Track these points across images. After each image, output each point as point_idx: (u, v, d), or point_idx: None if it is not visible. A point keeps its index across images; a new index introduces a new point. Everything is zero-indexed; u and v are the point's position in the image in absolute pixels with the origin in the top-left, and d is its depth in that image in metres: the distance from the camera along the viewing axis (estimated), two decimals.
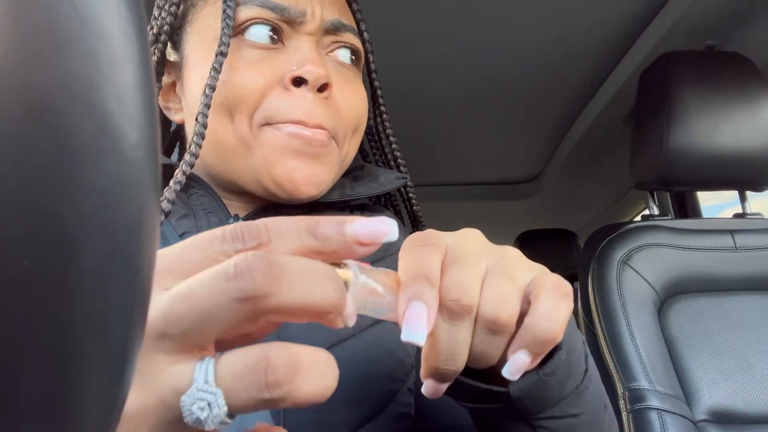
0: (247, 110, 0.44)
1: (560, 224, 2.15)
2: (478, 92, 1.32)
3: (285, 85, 0.44)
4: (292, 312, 0.20)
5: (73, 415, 0.11)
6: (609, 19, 1.05)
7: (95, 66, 0.11)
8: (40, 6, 0.10)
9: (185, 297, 0.19)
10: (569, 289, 0.27)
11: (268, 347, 0.19)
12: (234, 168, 0.45)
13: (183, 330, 0.19)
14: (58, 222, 0.10)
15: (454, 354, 0.26)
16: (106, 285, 0.11)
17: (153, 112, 0.12)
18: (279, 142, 0.43)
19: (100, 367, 0.12)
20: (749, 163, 0.91)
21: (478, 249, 0.27)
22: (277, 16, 0.45)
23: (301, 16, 0.45)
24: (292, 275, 0.19)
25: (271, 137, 0.43)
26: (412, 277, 0.25)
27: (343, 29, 0.48)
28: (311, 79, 0.43)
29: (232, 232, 0.21)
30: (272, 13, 0.45)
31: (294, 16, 0.45)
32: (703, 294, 0.88)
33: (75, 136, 0.10)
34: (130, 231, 0.12)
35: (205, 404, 0.18)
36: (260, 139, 0.44)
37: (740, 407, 0.79)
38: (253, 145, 0.44)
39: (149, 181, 0.12)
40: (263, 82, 0.44)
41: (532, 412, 0.30)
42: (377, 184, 0.52)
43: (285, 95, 0.44)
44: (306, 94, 0.44)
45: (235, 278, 0.18)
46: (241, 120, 0.44)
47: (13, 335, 0.10)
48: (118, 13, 0.11)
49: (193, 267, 0.20)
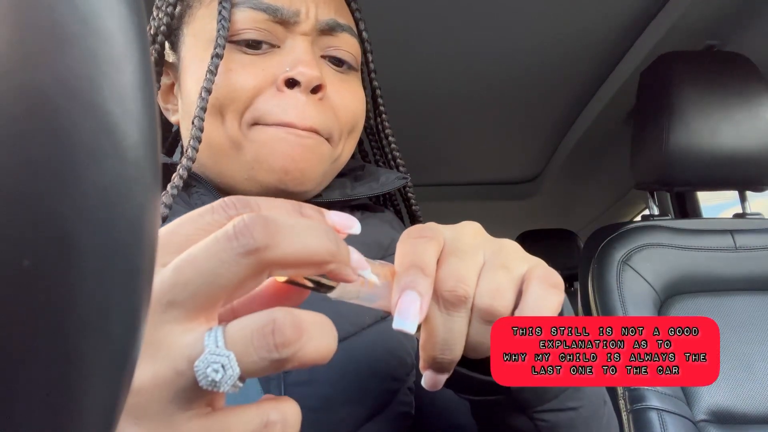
0: (238, 110, 0.43)
1: (560, 224, 2.14)
2: (478, 92, 1.32)
3: (278, 86, 0.43)
4: (294, 263, 0.21)
5: (74, 415, 0.11)
6: (609, 19, 1.05)
7: (95, 66, 0.11)
8: (40, 6, 0.10)
9: (190, 262, 0.20)
10: (559, 280, 0.27)
11: (272, 312, 0.20)
12: (226, 169, 0.45)
13: (191, 293, 0.20)
14: (58, 221, 0.10)
15: (450, 344, 0.26)
16: (107, 284, 0.11)
17: (153, 111, 0.12)
18: (269, 138, 0.43)
19: (101, 367, 0.12)
20: (749, 163, 0.91)
21: (476, 241, 0.28)
22: (270, 17, 0.44)
23: (294, 16, 0.45)
24: (288, 228, 0.20)
25: (262, 136, 0.43)
26: (407, 267, 0.26)
27: (339, 29, 0.47)
28: (304, 81, 0.43)
29: (222, 203, 0.22)
30: (265, 14, 0.44)
31: (287, 17, 0.45)
32: (703, 294, 0.88)
33: (75, 135, 0.10)
34: (131, 230, 0.12)
35: (219, 366, 0.19)
36: (250, 137, 0.44)
37: (740, 407, 0.79)
38: (243, 144, 0.44)
39: (149, 180, 0.12)
40: (255, 83, 0.43)
41: (531, 405, 0.30)
42: (378, 184, 0.52)
43: (277, 96, 0.43)
44: (299, 96, 0.43)
45: (235, 237, 0.20)
46: (232, 120, 0.44)
47: (14, 335, 0.10)
48: (118, 13, 0.11)
49: (187, 240, 0.21)
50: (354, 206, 0.54)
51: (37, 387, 0.10)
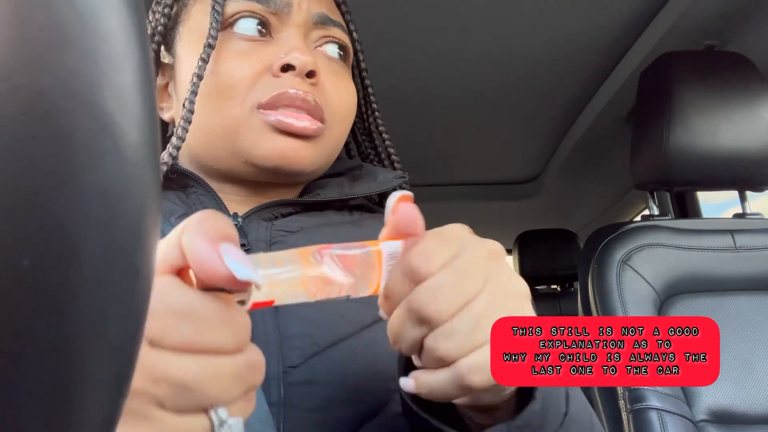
0: (239, 95, 0.45)
1: (560, 224, 2.14)
2: (477, 92, 1.32)
3: (273, 72, 0.45)
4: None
5: (74, 415, 0.11)
6: (609, 19, 1.05)
7: (95, 66, 0.11)
8: (40, 6, 0.10)
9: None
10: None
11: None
12: (223, 154, 0.46)
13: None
14: (58, 221, 0.10)
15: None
16: (106, 284, 0.11)
17: (153, 111, 0.12)
18: (269, 124, 0.44)
19: (100, 366, 0.12)
20: (749, 163, 0.91)
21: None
22: (264, 8, 0.46)
23: (287, 6, 0.47)
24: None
25: (261, 121, 0.44)
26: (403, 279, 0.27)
27: (330, 23, 0.49)
28: (298, 65, 0.44)
29: None
30: (258, 5, 0.46)
31: (280, 7, 0.46)
32: (703, 294, 0.88)
33: (75, 135, 0.10)
34: (130, 230, 0.12)
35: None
36: (250, 123, 0.45)
37: (740, 407, 0.79)
38: (242, 129, 0.45)
39: (149, 180, 0.12)
40: (252, 71, 0.45)
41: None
42: (375, 183, 0.52)
43: (274, 80, 0.45)
44: (294, 78, 0.45)
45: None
46: (232, 105, 0.45)
47: (14, 334, 0.10)
48: (118, 13, 0.11)
49: None
50: (352, 206, 0.54)
51: (37, 386, 0.10)
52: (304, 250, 0.26)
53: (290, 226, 0.46)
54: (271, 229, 0.45)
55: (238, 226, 0.45)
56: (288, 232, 0.46)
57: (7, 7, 0.09)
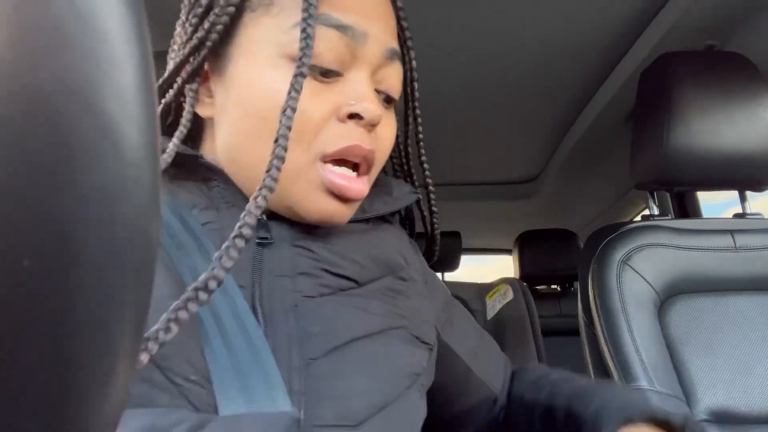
0: (305, 139, 0.44)
1: (560, 224, 2.14)
2: (477, 92, 1.32)
3: (340, 117, 0.44)
4: None
5: (74, 415, 0.11)
6: (609, 19, 1.05)
7: (95, 66, 0.11)
8: (39, 6, 0.10)
9: None
10: None
11: None
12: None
13: None
14: (57, 222, 0.10)
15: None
16: (106, 284, 0.11)
17: (153, 112, 0.12)
18: (324, 183, 0.44)
19: (101, 367, 0.12)
20: (749, 163, 0.91)
21: None
22: (341, 35, 0.44)
23: (362, 36, 0.45)
24: None
25: (319, 176, 0.44)
26: None
27: (395, 57, 0.49)
28: (368, 118, 0.44)
29: None
30: (336, 32, 0.44)
31: (356, 37, 0.45)
32: (703, 294, 0.88)
33: (74, 135, 0.10)
34: (130, 231, 0.12)
35: None
36: (308, 175, 0.44)
37: (740, 407, 0.79)
38: (299, 179, 0.44)
39: (149, 180, 0.12)
40: (321, 113, 0.44)
41: None
42: (391, 199, 0.54)
43: (340, 127, 0.45)
44: (359, 128, 0.45)
45: None
46: (297, 152, 0.43)
47: (13, 335, 0.10)
48: (117, 13, 0.11)
49: None
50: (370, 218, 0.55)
51: (36, 387, 0.10)
52: None
53: (312, 230, 0.48)
54: (294, 230, 0.47)
55: (262, 221, 0.46)
56: (309, 234, 0.47)
57: (6, 6, 0.09)
